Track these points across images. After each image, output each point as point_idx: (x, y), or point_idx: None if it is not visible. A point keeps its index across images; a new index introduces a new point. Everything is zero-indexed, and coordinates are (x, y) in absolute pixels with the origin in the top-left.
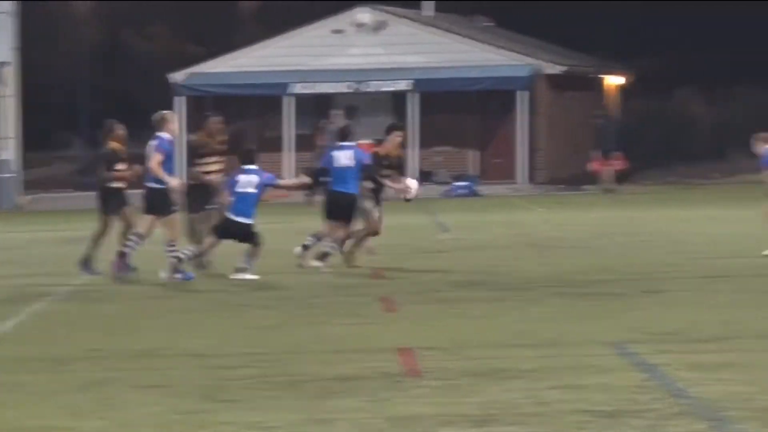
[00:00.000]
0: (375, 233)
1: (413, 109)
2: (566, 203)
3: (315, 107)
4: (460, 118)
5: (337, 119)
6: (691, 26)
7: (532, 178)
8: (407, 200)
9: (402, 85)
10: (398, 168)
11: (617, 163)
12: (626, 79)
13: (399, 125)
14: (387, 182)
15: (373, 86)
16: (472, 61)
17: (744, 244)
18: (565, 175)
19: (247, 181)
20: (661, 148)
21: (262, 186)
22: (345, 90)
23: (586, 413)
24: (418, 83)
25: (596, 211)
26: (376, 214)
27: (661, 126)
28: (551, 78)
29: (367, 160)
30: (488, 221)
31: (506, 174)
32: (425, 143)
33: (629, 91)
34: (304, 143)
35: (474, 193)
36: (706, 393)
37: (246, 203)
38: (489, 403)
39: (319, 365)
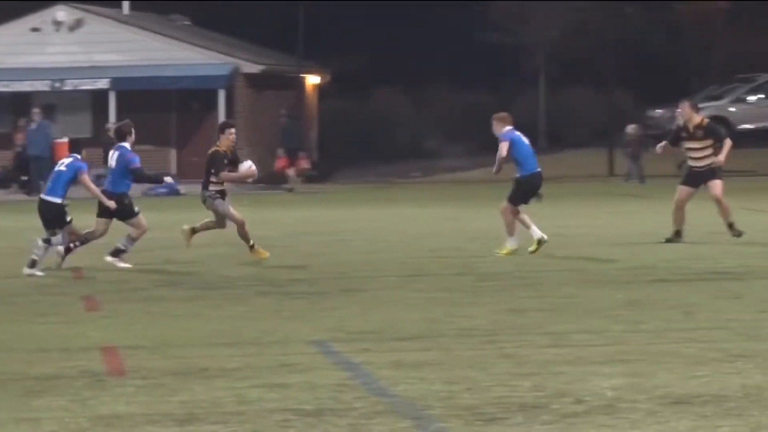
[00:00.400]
0: (222, 227)
1: (112, 108)
2: (266, 202)
3: (11, 106)
4: (160, 117)
5: (37, 117)
6: (389, 26)
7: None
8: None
9: (100, 84)
10: (236, 163)
11: (302, 162)
12: (323, 79)
13: (231, 123)
14: (232, 175)
15: (72, 85)
16: (172, 60)
17: (442, 243)
18: (265, 174)
19: None
20: (361, 147)
21: None
22: (44, 88)
23: (289, 412)
24: (116, 82)
25: (297, 209)
26: (231, 211)
27: (360, 125)
28: (250, 77)
29: (133, 163)
30: (189, 220)
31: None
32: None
33: (326, 91)
34: (2, 142)
35: (175, 192)
36: (409, 391)
37: None
38: (193, 402)
39: (23, 364)
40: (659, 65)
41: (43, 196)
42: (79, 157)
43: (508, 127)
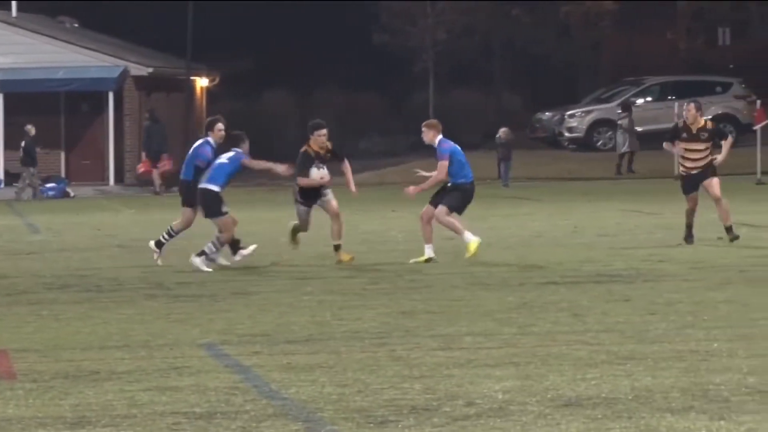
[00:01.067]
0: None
1: (0, 110)
2: (155, 205)
3: None
4: (49, 120)
5: None
6: (278, 27)
7: (121, 180)
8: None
9: None
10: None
11: (164, 165)
12: (212, 81)
13: (320, 123)
14: (304, 180)
15: None
16: (61, 63)
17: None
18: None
19: None
20: (251, 149)
21: None
22: None
23: (179, 415)
24: (5, 84)
25: None
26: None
27: (250, 127)
28: (139, 79)
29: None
30: (79, 223)
31: (96, 176)
32: (12, 144)
33: (216, 93)
34: None
35: (65, 195)
36: (300, 394)
37: None
38: (83, 405)
39: None
40: (547, 67)
41: (201, 184)
42: (240, 150)
43: (440, 136)
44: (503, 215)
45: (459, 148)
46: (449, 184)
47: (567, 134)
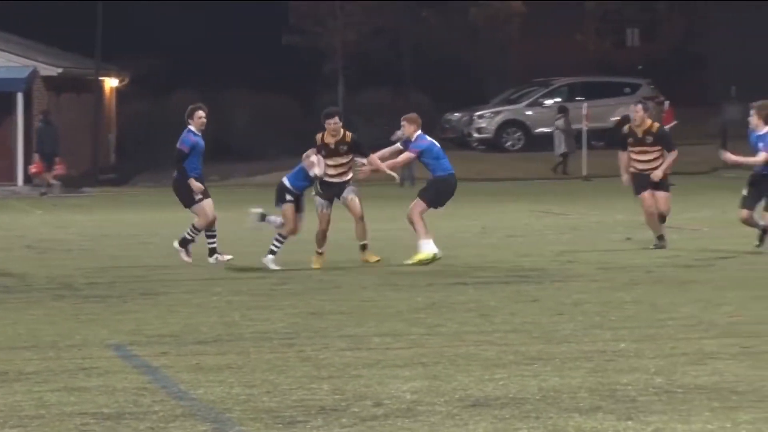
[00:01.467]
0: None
1: None
2: (65, 205)
3: None
4: None
5: None
6: (188, 27)
7: (30, 180)
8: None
9: None
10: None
11: (58, 168)
12: (122, 81)
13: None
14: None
15: None
16: None
17: (242, 246)
18: (64, 177)
19: None
20: (160, 150)
21: None
22: None
23: (88, 416)
24: None
25: (95, 213)
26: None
27: (159, 128)
28: (48, 80)
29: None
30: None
31: (5, 176)
32: None
33: (125, 93)
34: None
35: None
36: (208, 395)
37: None
38: None
39: None
40: (456, 69)
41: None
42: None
43: (419, 131)
44: None
45: (437, 144)
46: (430, 179)
47: (476, 135)
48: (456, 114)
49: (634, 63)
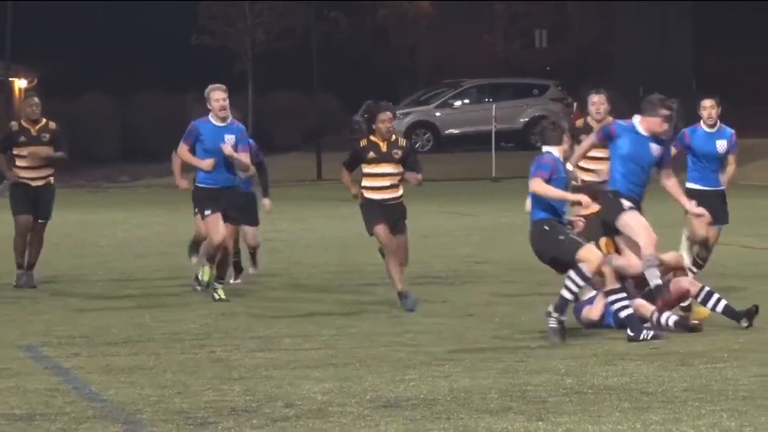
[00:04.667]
0: None
1: None
2: None
3: None
4: None
5: None
6: (98, 27)
7: None
8: None
9: None
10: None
11: None
12: (31, 82)
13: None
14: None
15: None
16: None
17: (150, 248)
18: None
19: None
20: (70, 151)
21: None
22: None
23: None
24: None
25: (5, 213)
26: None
27: (69, 129)
28: None
29: None
30: None
31: None
32: None
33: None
34: None
35: None
36: (119, 396)
37: None
38: None
39: None
40: (366, 70)
41: None
42: None
43: None
44: (323, 217)
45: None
46: None
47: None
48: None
49: (543, 64)
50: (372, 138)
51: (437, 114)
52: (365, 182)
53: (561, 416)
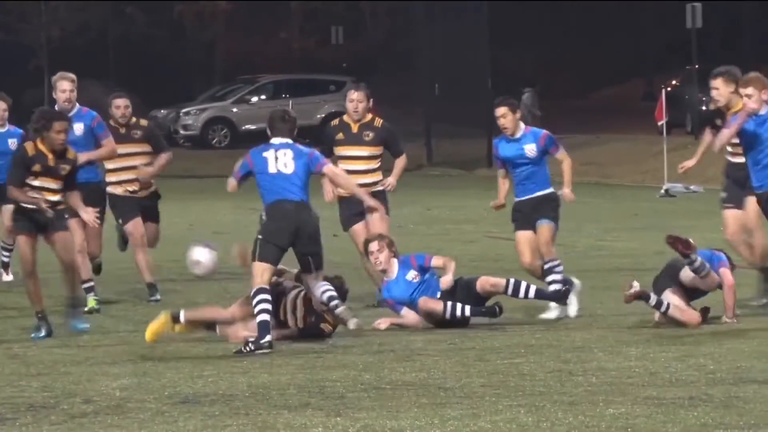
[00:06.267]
0: None
1: None
2: None
3: None
4: None
5: None
6: None
7: None
8: None
9: None
10: None
11: None
12: None
13: None
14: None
15: None
16: None
17: None
18: None
19: None
20: None
21: None
22: None
23: None
24: None
25: None
26: None
27: None
28: None
29: None
30: None
31: None
32: None
33: None
34: None
35: None
36: None
37: None
38: None
39: None
40: (163, 65)
41: None
42: None
43: None
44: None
45: None
46: None
47: (182, 132)
48: (162, 111)
49: (340, 61)
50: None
51: (234, 110)
52: None
53: (359, 412)
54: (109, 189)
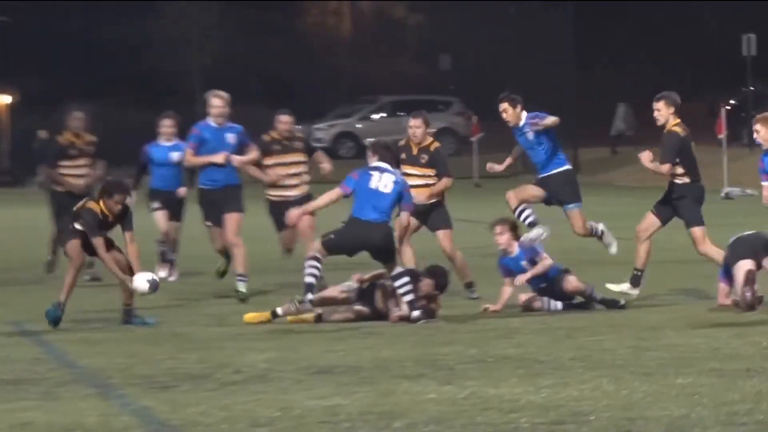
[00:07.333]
0: None
1: None
2: None
3: None
4: None
5: None
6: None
7: None
8: None
9: None
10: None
11: None
12: (13, 98)
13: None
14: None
15: None
16: None
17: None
18: None
19: None
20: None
21: None
22: None
23: None
24: None
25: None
26: None
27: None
28: None
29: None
30: None
31: None
32: None
33: (18, 109)
34: None
35: None
36: (93, 364)
37: None
38: None
39: None
40: (296, 88)
41: None
42: None
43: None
44: None
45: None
46: None
47: (315, 144)
48: (298, 126)
49: (447, 83)
50: None
51: (358, 126)
52: None
53: (467, 381)
54: (270, 197)
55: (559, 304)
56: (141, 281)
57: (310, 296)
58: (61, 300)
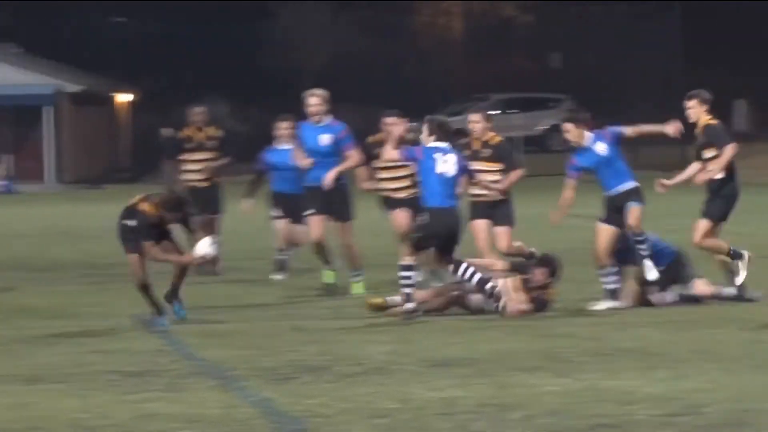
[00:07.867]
0: None
1: None
2: (93, 199)
3: None
4: None
5: None
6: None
7: (60, 178)
8: None
9: None
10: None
11: None
12: (135, 96)
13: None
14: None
15: None
16: (6, 81)
17: (245, 232)
18: (88, 175)
19: None
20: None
21: None
22: None
23: (116, 373)
24: None
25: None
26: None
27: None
28: (71, 95)
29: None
30: (25, 214)
31: (37, 175)
32: None
33: (139, 106)
34: None
35: (12, 191)
36: (216, 356)
37: None
38: (37, 365)
39: None
40: (410, 86)
41: None
42: None
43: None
44: None
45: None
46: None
47: None
48: (413, 123)
49: (557, 80)
50: None
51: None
52: None
53: (584, 373)
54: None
55: (669, 296)
56: (204, 247)
57: (410, 305)
58: (179, 298)
